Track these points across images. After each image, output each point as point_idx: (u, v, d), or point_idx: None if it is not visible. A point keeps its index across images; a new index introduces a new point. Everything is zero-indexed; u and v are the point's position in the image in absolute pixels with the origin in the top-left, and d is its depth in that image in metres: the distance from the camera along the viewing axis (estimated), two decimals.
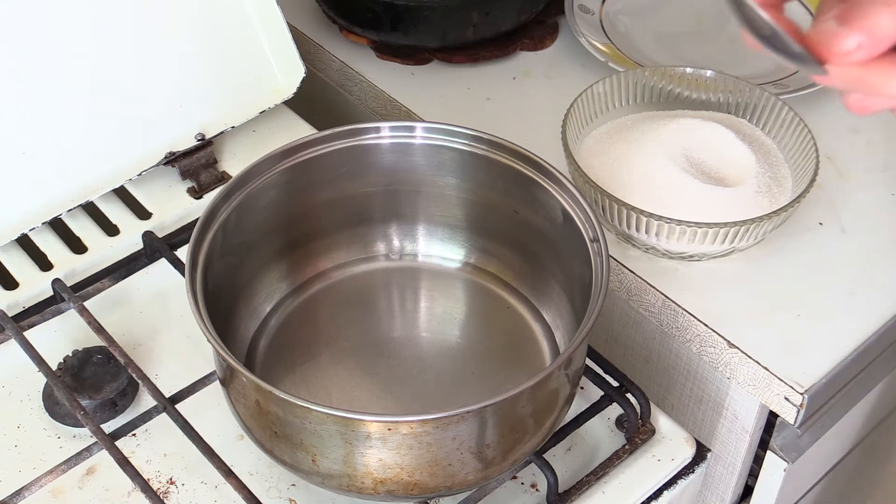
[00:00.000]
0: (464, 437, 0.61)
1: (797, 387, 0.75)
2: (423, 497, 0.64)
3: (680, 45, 1.01)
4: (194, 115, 0.87)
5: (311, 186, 0.75)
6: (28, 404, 0.75)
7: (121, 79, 0.84)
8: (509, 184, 0.74)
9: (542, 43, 1.02)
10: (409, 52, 1.00)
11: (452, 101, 0.96)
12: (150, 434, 0.73)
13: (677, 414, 0.87)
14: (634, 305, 0.83)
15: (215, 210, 0.69)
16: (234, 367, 0.61)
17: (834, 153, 0.91)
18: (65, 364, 0.74)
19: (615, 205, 0.79)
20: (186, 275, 0.65)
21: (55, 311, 0.77)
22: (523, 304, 0.78)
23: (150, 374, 0.75)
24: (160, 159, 0.86)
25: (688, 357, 0.83)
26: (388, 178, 0.77)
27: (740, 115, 0.87)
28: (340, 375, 0.74)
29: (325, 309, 0.78)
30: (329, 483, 0.64)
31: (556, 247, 0.74)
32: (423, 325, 0.78)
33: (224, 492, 0.69)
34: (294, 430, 0.62)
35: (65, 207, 0.82)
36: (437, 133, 0.75)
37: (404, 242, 0.81)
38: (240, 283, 0.74)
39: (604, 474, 0.71)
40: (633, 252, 0.83)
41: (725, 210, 0.79)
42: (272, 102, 0.90)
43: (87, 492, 0.70)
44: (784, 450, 0.82)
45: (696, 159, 0.82)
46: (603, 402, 0.73)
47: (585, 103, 0.86)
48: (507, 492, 0.71)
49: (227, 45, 0.88)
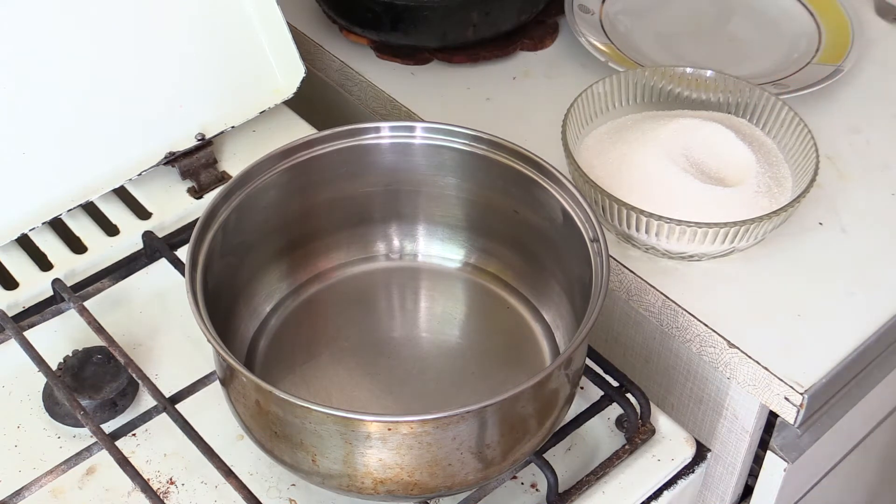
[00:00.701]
0: (464, 437, 0.61)
1: (797, 387, 0.75)
2: (423, 497, 0.64)
3: (680, 45, 1.01)
4: (194, 115, 0.87)
5: (311, 186, 0.75)
6: (28, 404, 0.75)
7: (121, 79, 0.84)
8: (509, 184, 0.74)
9: (542, 43, 1.02)
10: (409, 52, 1.00)
11: (452, 101, 0.96)
12: (150, 434, 0.73)
13: (677, 414, 0.87)
14: (634, 305, 0.83)
15: (215, 210, 0.69)
16: (234, 367, 0.61)
17: (834, 153, 0.91)
18: (65, 364, 0.74)
19: (615, 205, 0.79)
20: (186, 275, 0.65)
21: (55, 311, 0.77)
22: (523, 304, 0.78)
23: (150, 374, 0.75)
24: (160, 159, 0.86)
25: (688, 357, 0.83)
26: (388, 178, 0.77)
27: (740, 115, 0.87)
28: (340, 375, 0.74)
29: (325, 309, 0.78)
30: (329, 483, 0.64)
31: (556, 247, 0.74)
32: (423, 325, 0.78)
33: (224, 492, 0.69)
34: (294, 430, 0.62)
35: (65, 207, 0.82)
36: (437, 133, 0.75)
37: (404, 242, 0.81)
38: (240, 283, 0.74)
39: (604, 474, 0.71)
40: (633, 252, 0.83)
41: (725, 210, 0.79)
42: (272, 102, 0.90)
43: (87, 492, 0.70)
44: (784, 450, 0.82)
45: (696, 159, 0.82)
46: (603, 402, 0.73)
47: (585, 103, 0.86)
48: (507, 492, 0.71)
49: (227, 45, 0.88)
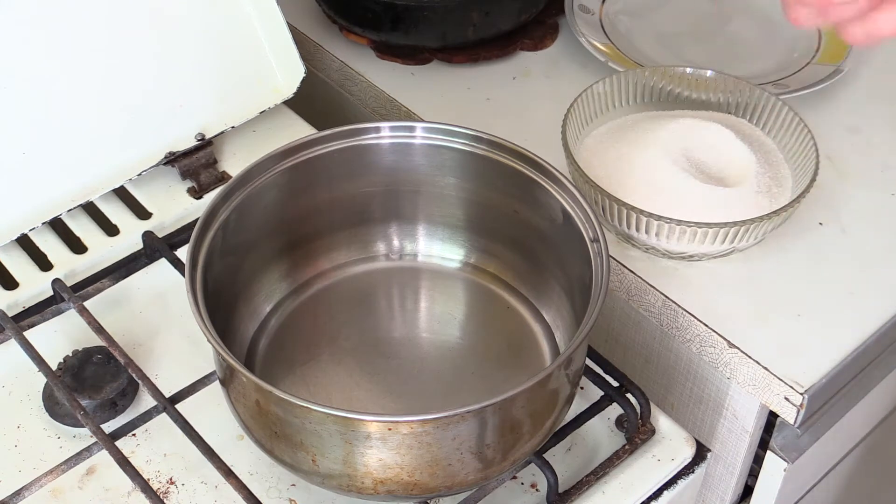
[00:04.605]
0: (464, 437, 0.61)
1: (797, 387, 0.75)
2: (423, 497, 0.64)
3: (680, 45, 1.01)
4: (194, 115, 0.87)
5: (311, 186, 0.75)
6: (28, 404, 0.75)
7: (121, 79, 0.84)
8: (509, 184, 0.74)
9: (542, 43, 1.02)
10: (409, 52, 1.00)
11: (452, 101, 0.96)
12: (150, 434, 0.73)
13: (677, 414, 0.87)
14: (634, 305, 0.83)
15: (215, 210, 0.69)
16: (234, 367, 0.61)
17: (834, 153, 0.91)
18: (65, 364, 0.74)
19: (615, 205, 0.79)
20: (186, 275, 0.65)
21: (55, 311, 0.77)
22: (523, 304, 0.78)
23: (150, 374, 0.75)
24: (160, 159, 0.86)
25: (688, 357, 0.83)
26: (388, 178, 0.77)
27: (740, 115, 0.87)
28: (340, 375, 0.74)
29: (325, 309, 0.78)
30: (329, 483, 0.64)
31: (556, 247, 0.74)
32: (423, 325, 0.78)
33: (224, 492, 0.69)
34: (294, 430, 0.62)
35: (65, 207, 0.82)
36: (437, 133, 0.75)
37: (404, 242, 0.81)
38: (240, 283, 0.74)
39: (604, 474, 0.71)
40: (633, 252, 0.83)
41: (725, 210, 0.79)
42: (272, 102, 0.90)
43: (87, 492, 0.70)
44: (784, 450, 0.82)
45: (696, 159, 0.82)
46: (603, 402, 0.73)
47: (585, 103, 0.86)
48: (507, 492, 0.71)
49: (227, 45, 0.88)
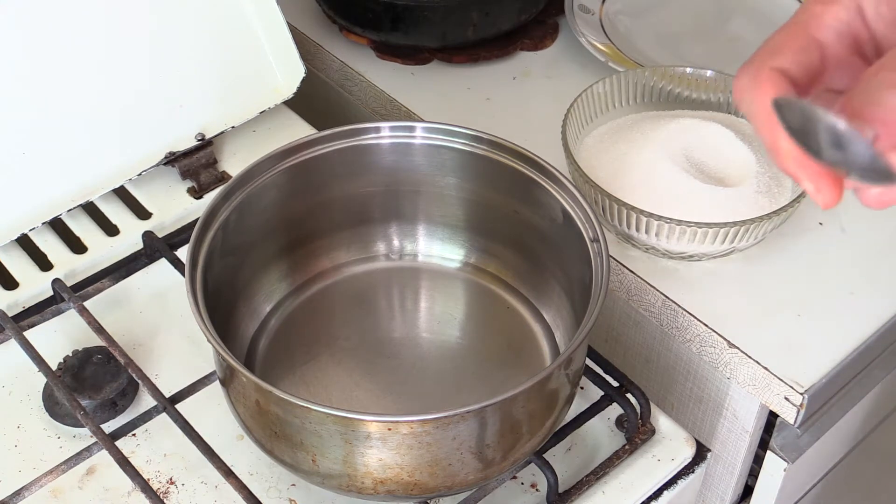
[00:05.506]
0: (464, 437, 0.61)
1: (797, 387, 0.75)
2: (423, 497, 0.64)
3: (680, 45, 1.01)
4: (194, 115, 0.87)
5: (311, 186, 0.75)
6: (28, 404, 0.75)
7: (121, 79, 0.84)
8: (509, 184, 0.74)
9: (542, 43, 1.02)
10: (409, 52, 1.00)
11: (452, 101, 0.96)
12: (150, 434, 0.73)
13: (677, 414, 0.87)
14: (634, 305, 0.83)
15: (215, 210, 0.69)
16: (234, 367, 0.61)
17: None
18: (65, 364, 0.74)
19: (615, 205, 0.79)
20: (186, 275, 0.65)
21: (55, 311, 0.77)
22: (523, 304, 0.78)
23: (150, 374, 0.75)
24: (160, 159, 0.86)
25: (688, 357, 0.83)
26: (388, 178, 0.77)
27: (740, 115, 0.87)
28: (340, 375, 0.74)
29: (325, 309, 0.78)
30: (329, 483, 0.64)
31: (556, 247, 0.74)
32: (423, 325, 0.78)
33: (224, 492, 0.69)
34: (294, 430, 0.62)
35: (65, 207, 0.82)
36: (437, 133, 0.75)
37: (404, 242, 0.81)
38: (240, 283, 0.74)
39: (604, 474, 0.71)
40: (633, 252, 0.83)
41: (725, 210, 0.79)
42: (272, 102, 0.90)
43: (87, 492, 0.70)
44: (784, 450, 0.82)
45: (696, 159, 0.82)
46: (603, 402, 0.73)
47: (585, 103, 0.86)
48: (507, 492, 0.71)
49: (227, 45, 0.88)
